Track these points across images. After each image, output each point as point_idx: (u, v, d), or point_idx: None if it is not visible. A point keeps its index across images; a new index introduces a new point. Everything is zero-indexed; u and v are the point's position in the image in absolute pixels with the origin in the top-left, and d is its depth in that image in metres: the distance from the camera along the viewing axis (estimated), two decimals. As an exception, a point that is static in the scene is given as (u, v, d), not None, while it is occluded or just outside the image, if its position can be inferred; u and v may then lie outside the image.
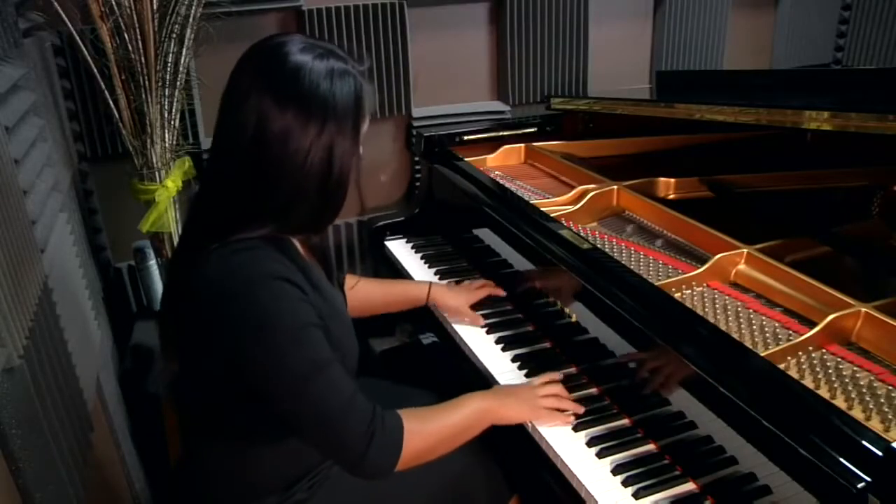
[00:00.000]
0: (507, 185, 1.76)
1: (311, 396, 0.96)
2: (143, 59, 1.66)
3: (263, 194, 0.97)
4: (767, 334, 1.15)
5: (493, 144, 1.98)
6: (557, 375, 1.26)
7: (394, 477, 1.12)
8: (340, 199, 1.02)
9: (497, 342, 1.41)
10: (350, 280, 1.45)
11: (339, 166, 0.99)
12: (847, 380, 1.03)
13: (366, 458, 0.98)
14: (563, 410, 1.18)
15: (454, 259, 1.76)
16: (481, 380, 1.36)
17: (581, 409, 1.19)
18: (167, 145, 1.77)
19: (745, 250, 1.32)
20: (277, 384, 0.96)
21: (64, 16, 1.62)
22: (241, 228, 0.98)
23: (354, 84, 0.99)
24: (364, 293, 1.45)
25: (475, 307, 1.50)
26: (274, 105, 0.94)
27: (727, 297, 1.26)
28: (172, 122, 1.76)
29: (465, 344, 1.43)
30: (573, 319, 1.33)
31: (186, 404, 1.17)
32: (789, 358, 1.08)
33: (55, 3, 1.61)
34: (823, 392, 1.01)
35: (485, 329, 1.46)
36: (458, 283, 1.60)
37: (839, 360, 1.08)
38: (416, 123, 2.25)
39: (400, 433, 1.02)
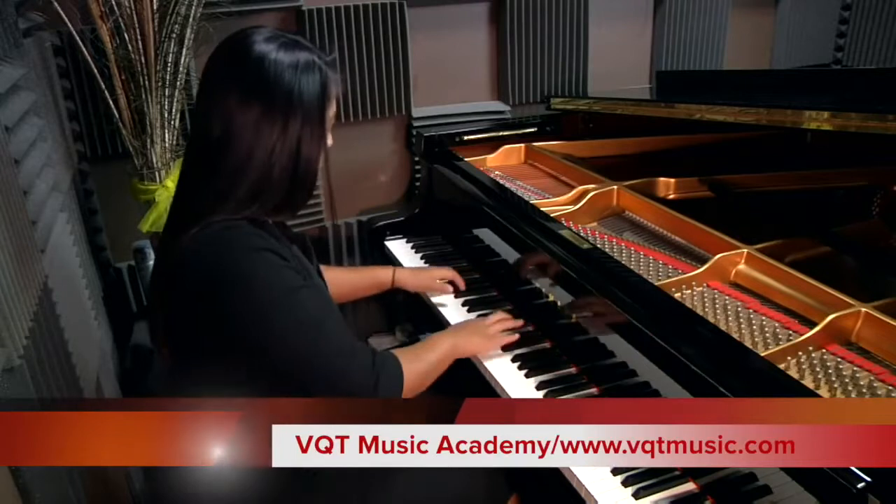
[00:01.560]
0: (507, 185, 1.76)
1: (312, 354, 1.01)
2: (143, 59, 1.66)
3: (235, 184, 1.00)
4: (767, 334, 1.15)
5: (493, 144, 1.98)
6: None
7: (392, 475, 1.12)
8: (310, 183, 1.06)
9: (497, 342, 1.41)
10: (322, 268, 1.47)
11: (307, 155, 1.03)
12: (847, 380, 1.03)
13: (375, 394, 1.05)
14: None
15: (454, 259, 1.76)
16: (481, 380, 1.36)
17: (521, 322, 1.39)
18: (167, 145, 1.77)
19: (745, 250, 1.32)
20: (277, 350, 0.99)
21: (64, 16, 1.62)
22: (223, 212, 1.01)
23: (320, 74, 1.02)
24: (331, 279, 1.48)
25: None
26: (239, 101, 0.98)
27: (727, 297, 1.26)
28: (172, 122, 1.76)
29: (465, 344, 1.43)
30: (573, 319, 1.33)
31: (181, 394, 1.17)
32: (789, 358, 1.08)
33: (55, 3, 1.61)
34: (823, 392, 1.01)
35: (485, 329, 1.46)
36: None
37: (839, 360, 1.08)
38: (416, 123, 2.25)
39: (400, 374, 1.11)
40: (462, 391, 1.37)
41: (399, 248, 1.86)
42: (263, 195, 1.02)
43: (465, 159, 1.86)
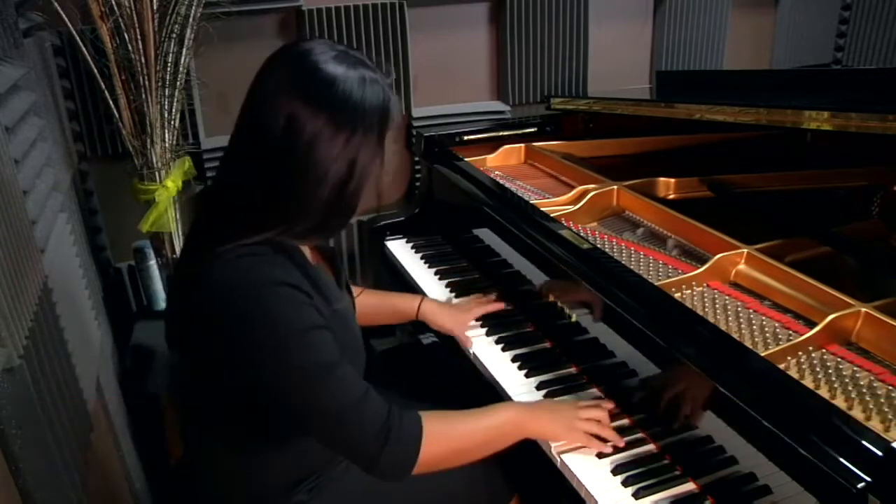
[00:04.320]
0: (507, 185, 1.76)
1: (320, 398, 0.95)
2: (143, 59, 1.66)
3: (279, 198, 0.96)
4: (767, 334, 1.15)
5: (493, 144, 1.98)
6: (608, 404, 1.17)
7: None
8: (353, 208, 1.01)
9: (497, 342, 1.41)
10: (354, 290, 1.43)
11: (359, 176, 0.98)
12: (847, 380, 1.03)
13: (380, 459, 0.96)
14: (601, 439, 1.11)
15: (454, 259, 1.76)
16: (481, 380, 1.36)
17: (622, 442, 1.11)
18: (167, 145, 1.77)
19: (745, 250, 1.32)
20: (286, 387, 0.95)
21: (64, 16, 1.62)
22: (248, 231, 0.97)
23: (383, 94, 0.98)
24: (359, 305, 1.42)
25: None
26: (306, 112, 0.93)
27: (727, 297, 1.26)
28: (172, 122, 1.77)
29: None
30: (573, 319, 1.33)
31: (188, 405, 1.17)
32: (789, 358, 1.08)
33: (55, 3, 1.61)
34: (823, 392, 1.01)
35: (485, 329, 1.45)
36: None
37: (839, 360, 1.08)
38: (416, 123, 2.25)
39: (418, 435, 0.99)
40: (461, 390, 1.38)
41: (399, 248, 1.86)
42: (301, 215, 0.97)
43: (465, 159, 1.86)
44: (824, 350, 1.10)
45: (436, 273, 1.70)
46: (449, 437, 1.04)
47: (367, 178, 0.99)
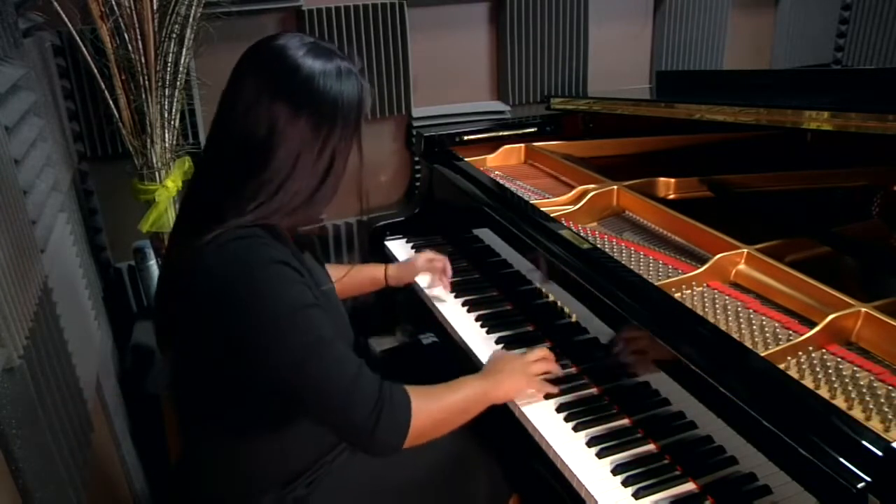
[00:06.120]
0: (507, 185, 1.76)
1: (315, 375, 0.96)
2: (143, 59, 1.66)
3: (262, 192, 0.98)
4: (767, 334, 1.15)
5: (493, 144, 1.98)
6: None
7: (393, 477, 1.11)
8: (333, 192, 1.04)
9: (497, 342, 1.41)
10: (341, 270, 1.45)
11: (339, 164, 1.01)
12: (847, 380, 1.03)
13: (375, 435, 0.98)
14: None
15: (454, 259, 1.75)
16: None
17: (561, 372, 1.26)
18: (167, 145, 1.77)
19: (745, 250, 1.32)
20: (281, 366, 0.96)
21: (64, 16, 1.62)
22: (233, 218, 0.98)
23: (358, 83, 1.01)
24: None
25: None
26: (288, 114, 0.95)
27: (727, 297, 1.26)
28: (172, 122, 1.77)
29: (466, 344, 1.43)
30: (573, 319, 1.33)
31: (185, 399, 1.17)
32: (789, 358, 1.08)
33: (55, 3, 1.61)
34: (823, 392, 1.01)
35: (485, 329, 1.46)
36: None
37: (839, 360, 1.08)
38: (416, 123, 2.25)
39: (408, 410, 1.02)
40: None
41: (399, 248, 1.86)
42: (283, 205, 0.99)
43: (465, 159, 1.86)
44: (824, 350, 1.10)
45: (436, 273, 1.70)
46: (432, 408, 1.07)
47: (345, 163, 1.03)
